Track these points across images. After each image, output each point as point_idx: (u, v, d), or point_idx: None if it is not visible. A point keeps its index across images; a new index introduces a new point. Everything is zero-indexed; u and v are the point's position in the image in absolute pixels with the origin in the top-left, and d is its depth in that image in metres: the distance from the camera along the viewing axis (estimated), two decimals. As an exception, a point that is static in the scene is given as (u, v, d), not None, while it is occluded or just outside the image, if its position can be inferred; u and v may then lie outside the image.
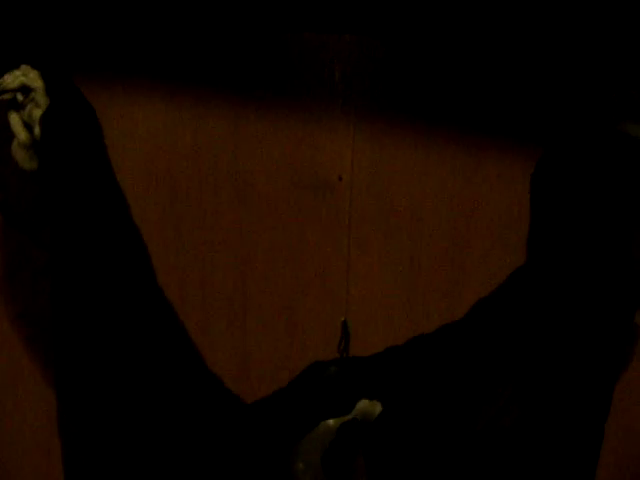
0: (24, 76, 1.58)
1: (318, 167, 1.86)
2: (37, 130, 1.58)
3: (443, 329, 1.73)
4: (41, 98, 1.58)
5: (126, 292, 1.63)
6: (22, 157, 1.62)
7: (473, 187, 1.87)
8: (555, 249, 1.70)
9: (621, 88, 1.72)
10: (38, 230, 1.71)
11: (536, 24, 1.83)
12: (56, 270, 1.63)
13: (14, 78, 1.58)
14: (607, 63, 1.79)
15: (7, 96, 1.58)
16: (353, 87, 1.83)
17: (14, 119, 1.59)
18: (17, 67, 1.59)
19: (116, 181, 1.68)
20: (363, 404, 1.68)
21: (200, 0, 1.79)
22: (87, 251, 1.62)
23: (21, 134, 1.59)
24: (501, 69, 1.87)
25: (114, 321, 1.61)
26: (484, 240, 1.90)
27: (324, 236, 1.89)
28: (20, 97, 1.59)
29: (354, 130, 1.84)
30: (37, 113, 1.58)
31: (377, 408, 1.67)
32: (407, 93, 1.83)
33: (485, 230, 1.89)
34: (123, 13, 1.79)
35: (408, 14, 1.82)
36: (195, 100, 1.84)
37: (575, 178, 1.71)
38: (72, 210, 1.61)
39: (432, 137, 1.84)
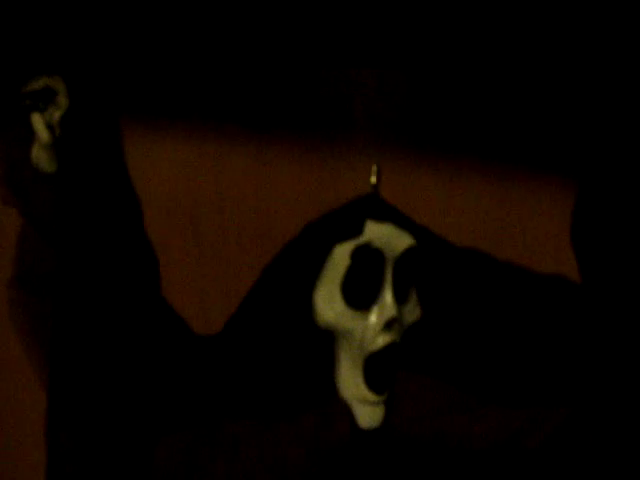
0: (48, 77, 1.66)
1: (340, 203, 1.88)
2: (58, 132, 1.66)
3: None
4: (62, 100, 1.65)
5: (128, 298, 1.67)
6: (43, 158, 1.68)
7: (497, 223, 1.87)
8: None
9: None
10: (55, 233, 1.72)
11: (557, 55, 1.88)
12: (62, 269, 1.67)
13: (38, 81, 1.66)
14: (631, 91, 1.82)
15: (28, 102, 1.66)
16: (375, 122, 1.87)
17: (37, 120, 1.65)
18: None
19: (131, 185, 1.72)
20: (374, 227, 1.67)
21: (221, 39, 1.88)
22: (95, 254, 1.66)
23: (43, 134, 1.65)
24: (522, 101, 1.90)
25: (113, 321, 1.65)
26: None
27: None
28: (41, 104, 1.66)
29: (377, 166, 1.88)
30: (58, 115, 1.65)
31: (404, 240, 1.67)
32: (429, 126, 1.87)
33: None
34: (144, 52, 1.89)
35: (428, 45, 1.88)
36: (217, 138, 1.89)
37: (613, 213, 1.75)
38: (84, 211, 1.66)
39: (455, 172, 1.87)
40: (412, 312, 1.70)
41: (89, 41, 1.75)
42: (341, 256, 1.66)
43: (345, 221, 1.68)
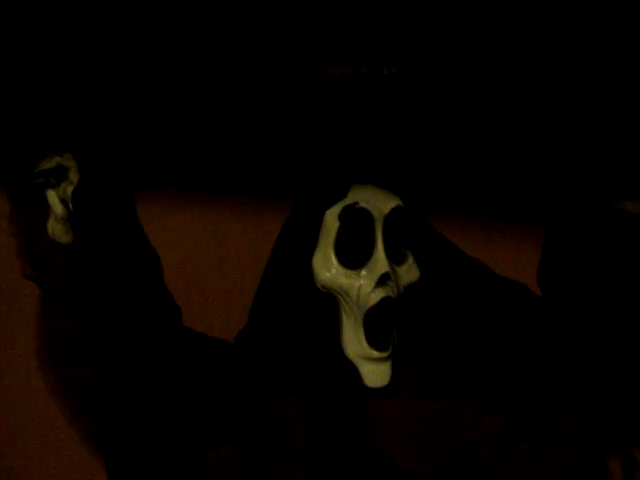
0: (59, 156, 1.79)
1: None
2: (71, 205, 1.79)
3: None
4: (74, 176, 1.79)
5: (158, 355, 1.79)
6: (59, 231, 1.81)
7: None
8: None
9: (617, 169, 1.86)
10: (74, 302, 1.84)
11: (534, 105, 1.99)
12: (95, 339, 1.80)
13: (50, 160, 1.79)
14: (605, 147, 1.91)
15: (42, 179, 1.79)
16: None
17: (52, 196, 1.79)
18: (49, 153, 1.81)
19: (150, 246, 1.85)
20: (358, 189, 1.77)
21: (221, 113, 2.02)
22: (123, 318, 1.78)
23: (58, 208, 1.79)
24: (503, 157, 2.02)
25: (146, 356, 1.78)
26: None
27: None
28: (52, 179, 1.79)
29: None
30: (70, 189, 1.79)
31: (390, 200, 1.76)
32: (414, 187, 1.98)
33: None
34: (148, 130, 2.02)
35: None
36: (217, 207, 2.02)
37: (579, 255, 1.84)
38: (106, 279, 1.79)
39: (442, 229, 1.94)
40: (409, 272, 1.78)
41: (96, 120, 1.89)
42: (331, 219, 1.76)
43: (331, 188, 1.79)
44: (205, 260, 2.02)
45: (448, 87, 1.94)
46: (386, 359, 1.74)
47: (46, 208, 1.81)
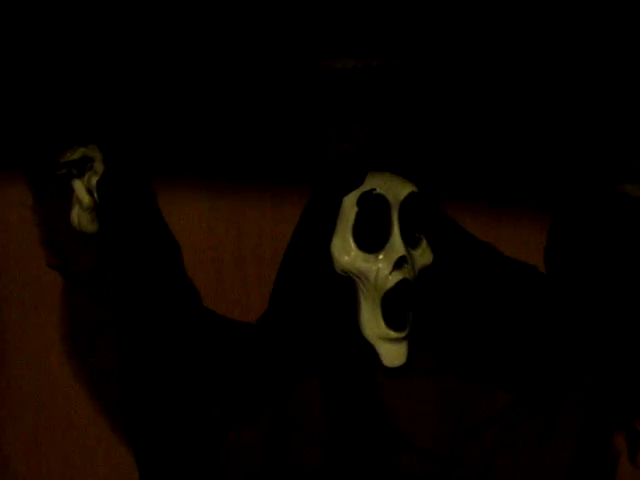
0: (84, 147, 1.81)
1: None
2: (96, 195, 1.82)
3: None
4: (99, 166, 1.81)
5: (181, 338, 1.84)
6: (85, 220, 1.83)
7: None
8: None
9: (619, 154, 1.91)
10: (98, 290, 1.88)
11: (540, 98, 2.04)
12: (120, 325, 1.84)
13: (75, 151, 1.81)
14: (607, 134, 1.97)
15: (64, 170, 1.81)
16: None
17: (78, 186, 1.81)
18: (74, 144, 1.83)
19: (171, 234, 1.89)
20: (374, 176, 1.83)
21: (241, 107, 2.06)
22: (146, 305, 1.83)
23: (85, 198, 1.81)
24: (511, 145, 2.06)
25: (170, 339, 1.83)
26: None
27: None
28: (75, 170, 1.81)
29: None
30: (95, 180, 1.81)
31: (405, 186, 1.82)
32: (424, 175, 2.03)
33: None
34: (169, 122, 2.06)
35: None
36: (235, 195, 2.05)
37: (583, 238, 1.90)
38: (131, 268, 1.83)
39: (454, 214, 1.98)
40: (423, 256, 1.83)
41: (119, 113, 1.94)
42: (349, 205, 1.81)
43: (348, 175, 1.84)
44: (224, 247, 2.06)
45: (456, 76, 1.99)
46: (403, 339, 1.79)
47: (69, 198, 1.84)
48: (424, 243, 1.85)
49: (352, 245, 1.81)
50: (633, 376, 1.93)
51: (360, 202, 1.81)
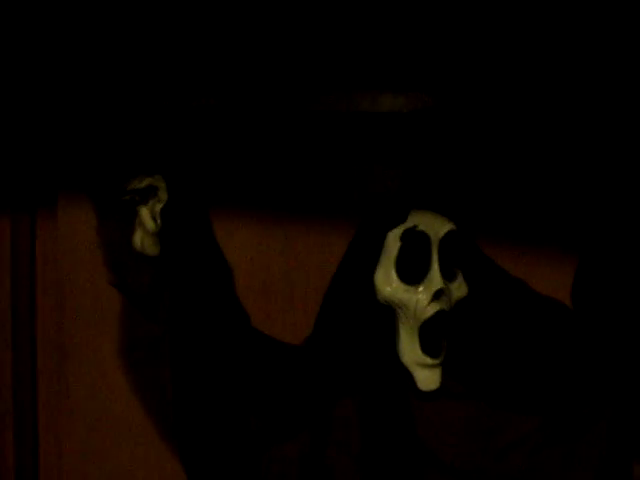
0: (151, 177, 1.93)
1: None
2: (159, 221, 1.93)
3: None
4: (163, 194, 1.92)
5: (230, 355, 1.95)
6: (148, 244, 1.95)
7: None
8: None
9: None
10: (153, 308, 1.97)
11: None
12: (174, 341, 1.95)
13: (142, 180, 1.93)
14: (635, 176, 2.01)
15: (128, 197, 1.92)
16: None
17: (144, 212, 1.93)
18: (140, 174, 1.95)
19: (224, 259, 2.00)
20: (417, 214, 1.93)
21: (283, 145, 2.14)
22: (199, 323, 1.94)
23: (149, 223, 1.92)
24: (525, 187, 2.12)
25: (221, 356, 1.94)
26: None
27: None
28: (138, 197, 1.92)
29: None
30: (159, 207, 1.93)
31: (445, 224, 1.92)
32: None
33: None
34: (225, 156, 2.15)
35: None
36: (286, 223, 2.12)
37: (609, 277, 1.99)
38: (187, 288, 1.94)
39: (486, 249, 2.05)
40: (459, 289, 1.93)
41: (182, 147, 2.05)
42: (393, 240, 1.92)
43: (393, 212, 1.94)
44: (274, 273, 2.13)
45: (486, 115, 2.06)
46: (438, 365, 1.90)
47: (132, 222, 1.95)
48: (460, 277, 1.95)
49: (394, 277, 1.91)
50: None
51: (403, 237, 1.91)
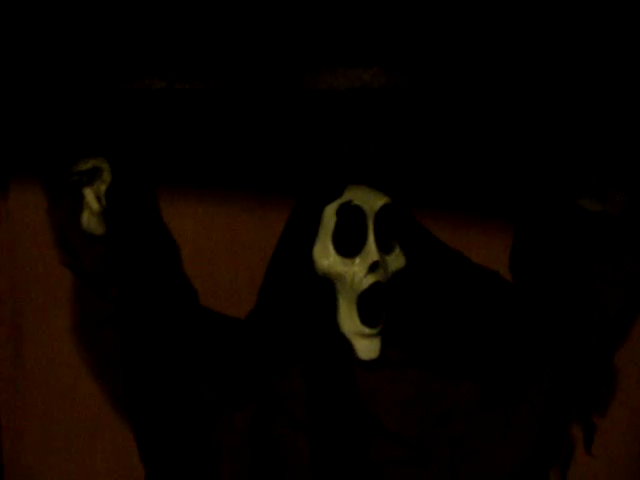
0: (94, 159, 1.96)
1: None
2: (104, 201, 1.97)
3: None
4: (107, 176, 1.96)
5: (178, 330, 2.01)
6: (94, 224, 1.97)
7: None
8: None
9: (579, 171, 2.02)
10: (104, 286, 2.00)
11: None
12: (124, 318, 1.99)
13: (86, 162, 1.97)
14: (569, 152, 2.04)
15: (78, 178, 1.96)
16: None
17: (88, 193, 1.96)
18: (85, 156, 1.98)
19: (171, 237, 2.05)
20: (352, 189, 1.97)
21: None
22: (148, 300, 2.00)
23: (94, 204, 1.96)
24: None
25: (166, 340, 2.00)
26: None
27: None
28: (85, 179, 1.95)
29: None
30: (103, 188, 1.97)
31: (380, 198, 1.96)
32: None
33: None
34: (169, 136, 2.16)
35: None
36: (229, 201, 2.15)
37: (543, 247, 2.05)
38: (134, 266, 1.99)
39: (425, 223, 2.10)
40: (396, 261, 1.98)
41: (125, 129, 2.06)
42: (329, 215, 1.96)
43: (329, 187, 1.98)
44: (218, 250, 2.16)
45: (433, 101, 2.07)
46: (377, 335, 1.94)
47: (80, 204, 1.97)
48: (397, 249, 1.99)
49: (332, 250, 1.96)
50: (588, 372, 2.04)
51: (339, 212, 1.96)
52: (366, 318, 1.94)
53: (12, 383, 2.22)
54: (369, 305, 1.93)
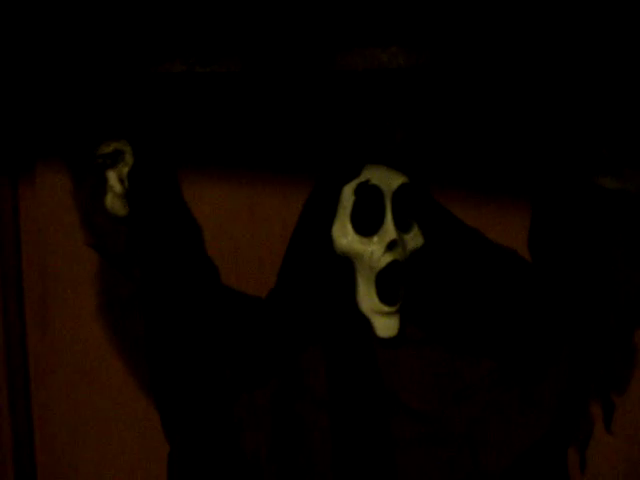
0: (116, 142, 2.00)
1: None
2: (127, 183, 2.00)
3: None
4: (129, 158, 1.99)
5: (200, 309, 2.04)
6: (117, 205, 2.00)
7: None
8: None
9: (597, 148, 2.02)
10: (128, 266, 2.03)
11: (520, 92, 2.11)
12: (148, 298, 2.04)
13: (109, 145, 2.00)
14: (587, 128, 2.05)
15: (101, 161, 1.99)
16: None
17: (111, 175, 1.99)
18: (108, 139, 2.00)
19: (193, 217, 2.09)
20: (370, 168, 2.00)
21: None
22: (171, 280, 2.03)
23: (117, 186, 1.99)
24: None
25: (190, 324, 2.04)
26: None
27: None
28: (109, 161, 1.98)
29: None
30: (126, 170, 2.00)
31: (398, 178, 1.99)
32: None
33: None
34: (190, 120, 2.20)
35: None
36: (251, 183, 2.18)
37: (561, 226, 2.06)
38: (158, 247, 2.03)
39: (444, 201, 2.11)
40: (414, 239, 2.00)
41: (148, 112, 2.10)
42: (348, 194, 1.98)
43: (347, 167, 2.01)
44: (240, 229, 2.18)
45: (452, 80, 2.10)
46: (395, 313, 1.96)
47: (103, 186, 2.00)
48: (415, 228, 2.01)
49: (350, 229, 1.98)
50: (607, 350, 2.06)
51: (357, 191, 1.98)
52: (384, 296, 1.96)
53: (41, 361, 2.27)
54: (387, 283, 1.95)
